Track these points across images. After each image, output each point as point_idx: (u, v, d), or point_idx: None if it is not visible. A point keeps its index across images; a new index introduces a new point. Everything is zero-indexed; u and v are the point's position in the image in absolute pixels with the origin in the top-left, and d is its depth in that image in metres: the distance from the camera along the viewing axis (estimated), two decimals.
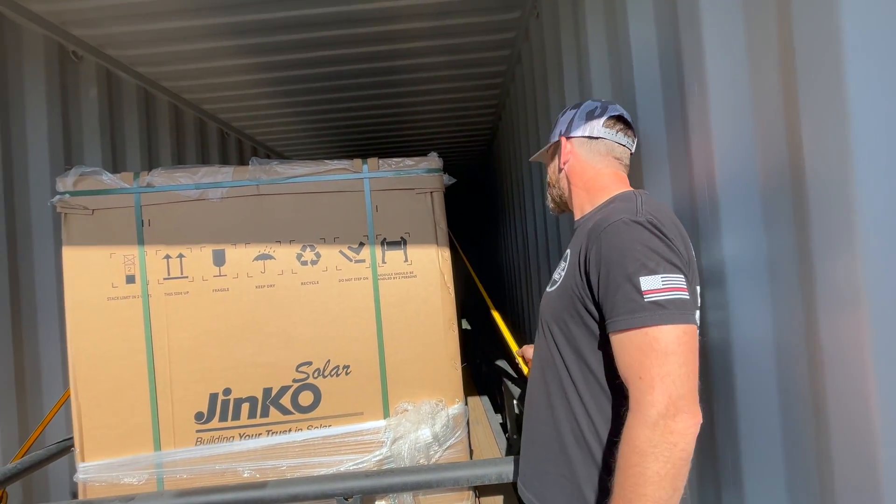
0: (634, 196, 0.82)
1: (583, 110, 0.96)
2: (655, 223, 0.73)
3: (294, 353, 1.25)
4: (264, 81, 2.98)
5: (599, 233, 0.75)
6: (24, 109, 1.94)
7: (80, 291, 1.21)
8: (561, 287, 0.84)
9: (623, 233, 0.72)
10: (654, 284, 0.68)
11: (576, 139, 0.96)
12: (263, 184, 1.26)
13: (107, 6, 2.04)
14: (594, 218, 0.81)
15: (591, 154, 0.94)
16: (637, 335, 0.68)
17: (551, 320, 0.85)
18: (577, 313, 0.79)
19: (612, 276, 0.71)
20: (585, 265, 0.77)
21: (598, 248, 0.74)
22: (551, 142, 1.02)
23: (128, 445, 1.21)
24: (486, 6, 2.33)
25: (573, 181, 0.96)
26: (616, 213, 0.76)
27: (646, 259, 0.70)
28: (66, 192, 1.21)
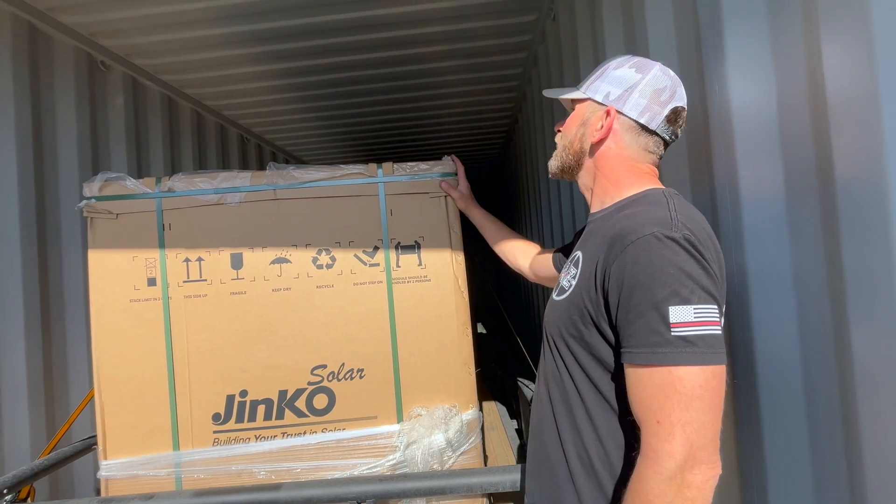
0: (665, 198, 0.70)
1: (650, 83, 0.75)
2: (693, 240, 0.61)
3: (309, 356, 1.26)
4: (283, 87, 3.03)
5: (626, 245, 0.63)
6: (55, 117, 2.02)
7: (104, 294, 1.25)
8: (571, 299, 0.73)
9: (654, 250, 0.61)
10: (685, 317, 0.58)
11: (625, 119, 0.76)
12: (280, 188, 1.28)
13: (134, 17, 2.11)
14: (617, 222, 0.69)
15: (635, 146, 0.77)
16: (658, 373, 0.58)
17: (557, 335, 0.75)
18: (588, 332, 0.69)
19: (636, 301, 0.60)
20: (603, 280, 0.66)
21: (623, 265, 0.63)
22: (589, 95, 0.80)
23: (148, 444, 1.24)
24: (503, 9, 2.32)
25: (600, 166, 0.79)
26: (645, 221, 0.64)
27: (678, 285, 0.59)
28: (92, 197, 1.25)
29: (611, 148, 0.78)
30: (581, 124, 0.81)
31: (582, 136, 0.81)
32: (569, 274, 0.77)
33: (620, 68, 0.78)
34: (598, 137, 0.78)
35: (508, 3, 2.27)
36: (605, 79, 0.79)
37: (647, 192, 0.75)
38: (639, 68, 0.77)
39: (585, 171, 0.83)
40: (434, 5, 2.21)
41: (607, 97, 0.78)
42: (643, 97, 0.75)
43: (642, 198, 0.74)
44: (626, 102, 0.76)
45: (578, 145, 0.82)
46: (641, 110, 0.76)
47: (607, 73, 0.79)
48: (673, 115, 0.76)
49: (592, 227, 0.79)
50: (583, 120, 0.81)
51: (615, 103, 0.77)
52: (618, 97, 0.77)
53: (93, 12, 2.04)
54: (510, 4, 2.28)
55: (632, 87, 0.76)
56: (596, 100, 0.79)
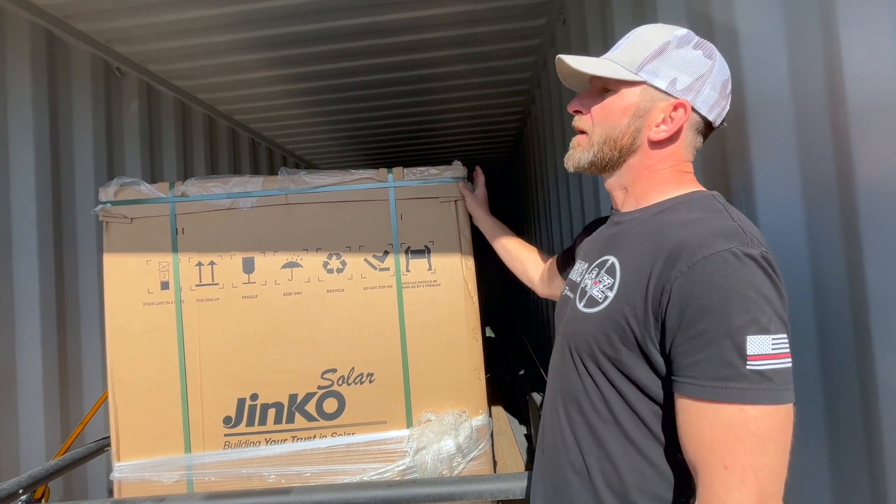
0: (721, 205, 0.61)
1: (719, 72, 0.64)
2: (770, 259, 0.54)
3: (319, 360, 1.26)
4: (294, 92, 3.06)
5: (695, 262, 0.54)
6: (72, 123, 2.05)
7: (118, 297, 1.26)
8: (607, 313, 0.62)
9: (732, 270, 0.52)
10: (763, 348, 0.50)
11: (694, 117, 0.65)
12: (292, 193, 1.29)
13: (149, 24, 2.14)
14: (669, 231, 0.59)
15: (692, 144, 0.67)
16: (728, 411, 0.51)
17: (586, 352, 0.65)
18: (628, 354, 0.60)
19: (706, 326, 0.52)
20: (659, 298, 0.56)
21: (690, 284, 0.53)
22: (646, 79, 0.64)
23: (160, 447, 1.25)
24: (513, 14, 2.32)
25: (651, 165, 0.67)
26: (713, 234, 0.55)
27: (758, 312, 0.51)
28: (108, 202, 1.27)
29: (669, 146, 0.66)
30: (634, 115, 0.66)
31: (636, 130, 0.66)
32: (601, 283, 0.66)
33: (684, 48, 0.63)
34: (662, 136, 0.65)
35: (518, 8, 2.27)
36: (668, 60, 0.63)
37: (693, 195, 0.65)
38: (706, 51, 0.64)
39: (628, 170, 0.70)
40: (444, 10, 2.22)
41: (673, 85, 0.63)
42: (714, 89, 0.63)
43: (691, 202, 0.64)
44: (699, 95, 0.63)
45: (629, 140, 0.67)
46: (712, 105, 0.64)
47: (668, 54, 0.63)
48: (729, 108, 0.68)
49: (623, 228, 0.69)
50: (637, 110, 0.65)
51: (684, 94, 0.63)
52: (688, 87, 0.63)
53: (109, 19, 2.08)
54: (520, 9, 2.28)
55: (703, 76, 0.63)
56: (656, 86, 0.64)
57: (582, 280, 0.72)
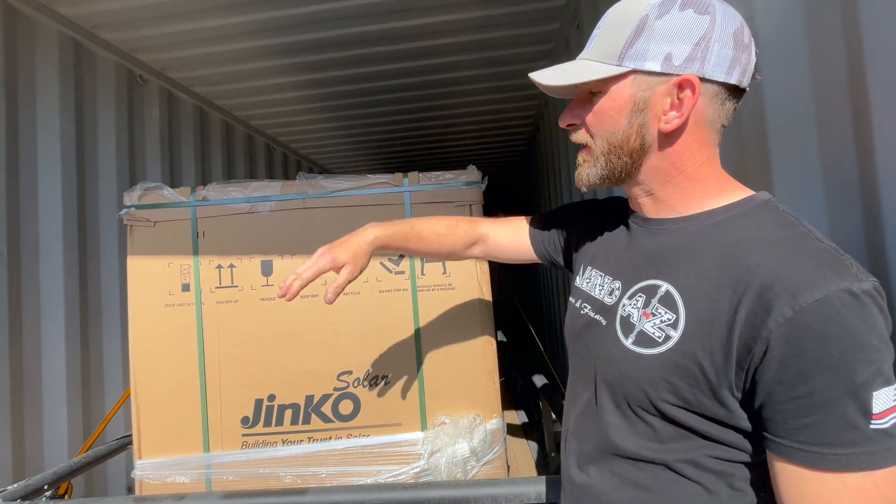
0: (789, 216, 0.51)
1: (726, 23, 0.51)
2: (881, 292, 0.45)
3: (335, 362, 1.28)
4: (309, 97, 3.11)
5: (802, 306, 0.43)
6: (97, 129, 2.12)
7: (141, 298, 1.29)
8: (671, 357, 0.51)
9: (856, 316, 0.43)
10: (887, 402, 0.42)
11: (708, 86, 0.53)
12: (309, 197, 1.31)
13: (171, 33, 2.20)
14: (747, 255, 0.49)
15: (717, 121, 0.55)
16: (856, 480, 0.43)
17: (642, 400, 0.54)
18: (708, 404, 0.49)
19: (822, 385, 0.43)
20: (748, 344, 0.46)
21: (797, 332, 0.44)
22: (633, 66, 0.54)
23: (180, 445, 1.27)
24: (527, 19, 2.33)
25: (676, 160, 0.56)
26: (818, 267, 0.45)
27: (882, 361, 0.43)
28: (132, 206, 1.31)
29: (688, 132, 0.54)
30: (633, 111, 0.55)
31: (641, 126, 0.55)
32: (656, 317, 0.54)
33: (668, 14, 0.52)
34: (676, 124, 0.54)
35: (533, 13, 2.28)
36: (653, 36, 0.52)
37: (748, 201, 0.54)
38: (697, 7, 0.51)
39: (650, 174, 0.58)
40: (459, 16, 2.24)
41: (669, 62, 0.52)
42: (726, 46, 0.51)
43: (752, 212, 0.53)
44: (706, 61, 0.51)
45: (637, 141, 0.56)
46: (729, 66, 0.51)
47: (651, 28, 0.52)
48: (755, 59, 0.54)
49: (670, 242, 0.57)
50: (634, 104, 0.55)
51: (685, 67, 0.52)
52: (689, 58, 0.51)
53: (134, 29, 2.14)
54: (534, 14, 2.29)
55: (705, 35, 0.51)
56: (649, 69, 0.53)
57: (620, 304, 0.59)
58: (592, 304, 0.65)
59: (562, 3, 2.21)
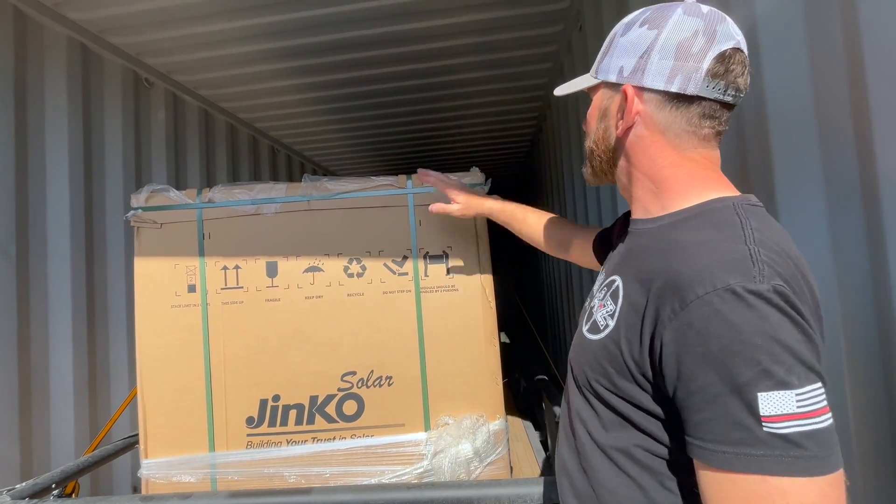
0: (738, 218, 0.52)
1: (671, 36, 0.56)
2: (786, 293, 0.44)
3: (339, 363, 1.29)
4: (313, 100, 3.13)
5: (687, 302, 0.46)
6: (103, 132, 2.14)
7: (148, 299, 1.31)
8: (605, 344, 0.57)
9: (733, 312, 0.44)
10: (782, 406, 0.41)
11: (651, 94, 0.58)
12: (314, 199, 1.32)
13: (178, 37, 2.23)
14: (669, 256, 0.51)
15: (674, 126, 0.58)
16: (747, 483, 0.42)
17: (584, 382, 0.60)
18: (630, 388, 0.53)
19: (706, 381, 0.44)
20: (651, 342, 0.50)
21: (683, 330, 0.46)
22: (601, 78, 0.62)
23: (186, 445, 1.28)
24: (530, 21, 2.35)
25: (636, 162, 0.61)
26: (714, 264, 0.47)
27: (771, 362, 0.42)
28: (139, 208, 1.32)
29: (643, 137, 0.59)
30: (601, 117, 0.64)
31: (605, 130, 0.64)
32: (605, 307, 0.59)
33: (629, 31, 0.59)
34: (622, 128, 0.60)
35: (536, 16, 2.29)
36: (615, 52, 0.60)
37: (709, 205, 0.55)
38: (652, 23, 0.57)
39: (621, 173, 0.65)
40: (462, 18, 2.25)
41: (621, 73, 0.59)
42: (666, 57, 0.55)
43: (703, 214, 0.55)
44: (646, 72, 0.57)
45: (604, 144, 0.65)
46: (668, 75, 0.56)
47: (616, 45, 0.61)
48: (719, 65, 0.54)
49: (635, 242, 0.62)
50: (601, 111, 0.64)
51: (630, 78, 0.58)
52: (633, 70, 0.58)
53: (140, 33, 2.17)
54: (537, 16, 2.30)
55: (647, 49, 0.57)
56: (610, 81, 0.61)
57: (594, 296, 0.66)
58: (591, 297, 0.71)
59: (564, 5, 2.22)
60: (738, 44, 0.56)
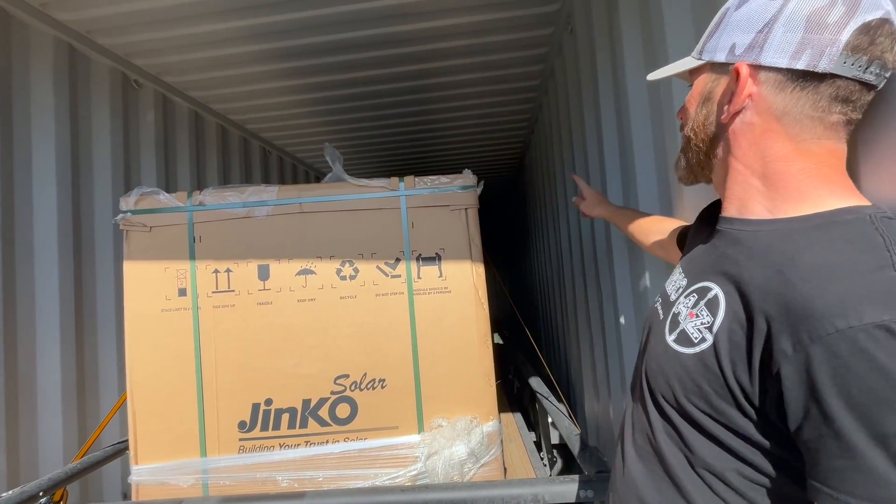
0: (879, 235, 0.43)
1: (799, 5, 0.47)
2: None
3: (332, 366, 1.28)
4: (305, 101, 3.12)
5: (821, 336, 0.39)
6: (91, 134, 2.11)
7: (138, 303, 1.30)
8: (702, 360, 0.50)
9: (886, 355, 0.37)
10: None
11: (770, 74, 0.49)
12: (306, 202, 1.32)
13: (167, 38, 2.20)
14: (792, 272, 0.44)
15: (795, 110, 0.49)
16: None
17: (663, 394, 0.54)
18: (732, 414, 0.47)
19: (844, 427, 0.39)
20: (768, 365, 0.43)
21: (814, 364, 0.40)
22: (706, 59, 0.55)
23: (177, 450, 1.27)
24: (521, 23, 2.36)
25: (739, 154, 0.53)
26: (857, 292, 0.39)
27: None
28: (129, 211, 1.31)
29: (753, 125, 0.51)
30: (703, 102, 0.56)
31: (707, 116, 0.55)
32: (699, 318, 0.52)
33: (746, 4, 0.51)
34: (728, 113, 0.52)
35: (527, 18, 2.30)
36: (727, 28, 0.52)
37: (837, 214, 0.47)
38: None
39: (718, 165, 0.57)
40: (454, 21, 2.25)
41: (732, 52, 0.51)
42: (793, 29, 0.47)
43: (830, 226, 0.46)
44: (765, 48, 0.49)
45: (703, 133, 0.56)
46: (795, 50, 0.47)
47: (728, 20, 0.53)
48: (863, 36, 0.46)
49: (731, 247, 0.53)
50: (704, 95, 0.56)
51: (744, 55, 0.50)
52: (748, 45, 0.50)
53: (129, 34, 2.14)
54: (528, 19, 2.31)
55: (770, 21, 0.49)
56: (717, 61, 0.53)
57: (677, 302, 0.58)
58: (663, 297, 0.64)
59: (555, 8, 2.23)
60: (889, 14, 0.46)
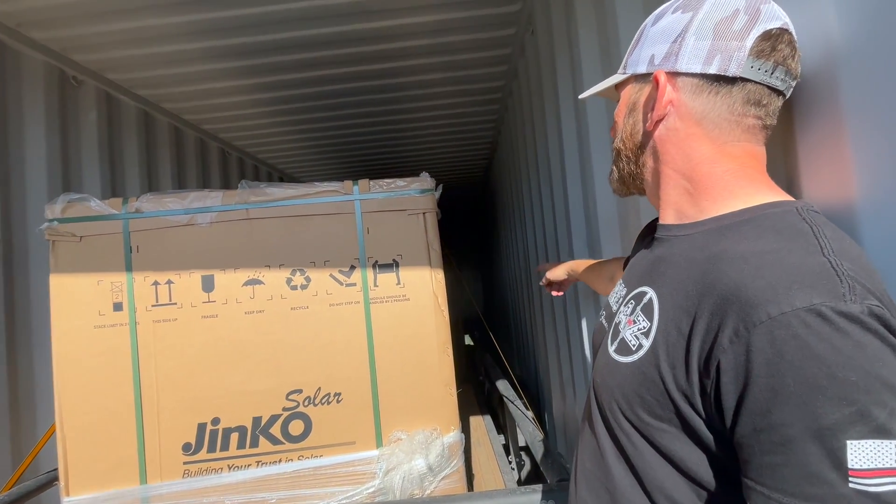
0: (806, 224, 0.43)
1: (709, 15, 0.50)
2: (886, 317, 0.36)
3: (284, 381, 1.22)
4: (264, 101, 3.00)
5: (755, 323, 0.38)
6: (23, 135, 1.96)
7: (66, 320, 1.19)
8: (641, 368, 0.48)
9: (822, 340, 0.35)
10: (880, 459, 0.34)
11: (687, 79, 0.51)
12: (253, 207, 1.24)
13: (109, 32, 2.06)
14: (724, 265, 0.43)
15: (715, 113, 0.51)
16: None
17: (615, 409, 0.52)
18: (670, 424, 0.46)
19: (781, 419, 0.37)
20: (705, 362, 0.42)
21: (749, 354, 0.38)
22: (629, 72, 0.57)
23: (114, 479, 1.18)
24: (483, 23, 2.34)
25: (667, 159, 0.54)
26: (789, 277, 0.38)
27: (871, 403, 0.34)
28: (55, 219, 1.20)
29: (676, 129, 0.52)
30: (629, 112, 0.57)
31: (633, 126, 0.57)
32: (637, 324, 0.51)
33: (661, 19, 0.54)
34: (652, 121, 0.53)
35: (488, 17, 2.28)
36: (646, 42, 0.55)
37: (764, 208, 0.47)
38: (687, 6, 0.52)
39: (647, 173, 0.57)
40: (416, 19, 2.21)
41: (651, 62, 0.53)
42: (703, 38, 0.50)
43: (759, 219, 0.46)
44: (680, 56, 0.51)
45: (631, 142, 0.57)
46: (706, 56, 0.50)
47: (646, 35, 0.55)
48: (765, 43, 0.48)
49: (667, 250, 0.54)
50: (629, 106, 0.57)
51: (663, 64, 0.52)
52: (665, 55, 0.52)
53: (65, 27, 1.99)
54: (490, 19, 2.30)
55: (682, 32, 0.51)
56: (639, 73, 0.55)
57: (618, 312, 0.57)
58: (607, 311, 0.63)
59: (516, 8, 2.22)
60: (786, 24, 0.50)
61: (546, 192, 2.25)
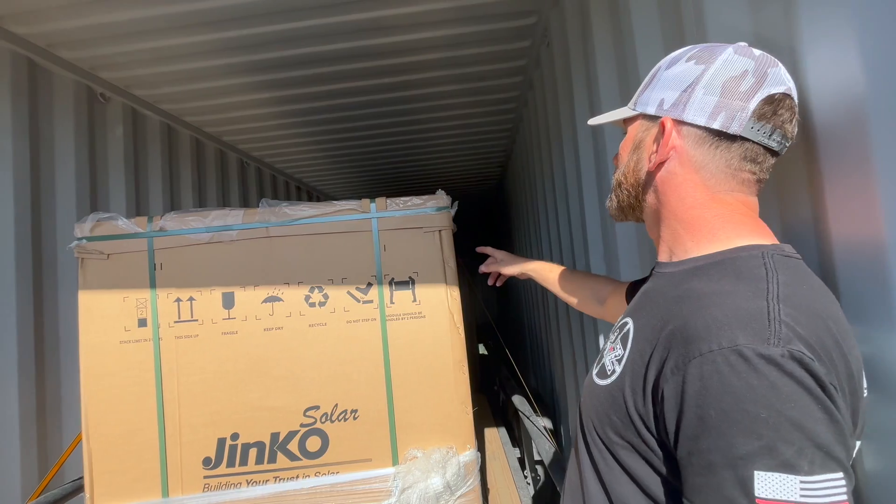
0: (765, 270, 0.47)
1: (720, 72, 0.53)
2: (805, 361, 0.39)
3: (302, 397, 1.23)
4: (282, 113, 3.06)
5: (689, 359, 0.42)
6: (54, 151, 2.03)
7: (94, 335, 1.23)
8: (610, 391, 0.54)
9: (739, 378, 0.39)
10: (783, 492, 0.37)
11: (691, 130, 0.55)
12: (273, 226, 1.27)
13: (134, 51, 2.13)
14: (683, 304, 0.48)
15: (714, 165, 0.54)
16: None
17: (591, 429, 0.57)
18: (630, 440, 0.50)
19: (706, 446, 0.41)
20: (654, 389, 0.47)
21: (683, 384, 0.43)
22: (639, 110, 0.60)
23: (137, 491, 1.20)
24: (498, 36, 2.34)
25: (666, 201, 0.58)
26: (725, 319, 0.42)
27: (778, 440, 0.38)
28: (84, 238, 1.24)
29: (675, 174, 0.56)
30: (634, 149, 0.61)
31: (637, 163, 0.61)
32: (615, 351, 0.56)
33: (675, 65, 0.57)
34: (655, 162, 0.57)
35: (504, 31, 2.29)
36: (658, 84, 0.58)
37: (736, 252, 0.51)
38: (700, 59, 0.55)
39: (648, 211, 0.61)
40: (432, 34, 2.23)
41: (661, 106, 0.57)
42: (711, 93, 0.53)
43: (727, 262, 0.50)
44: (688, 106, 0.54)
45: (633, 177, 0.61)
46: (712, 112, 0.53)
47: (659, 77, 0.59)
48: (767, 107, 0.52)
49: (652, 285, 0.59)
50: (635, 143, 0.61)
51: (671, 111, 0.56)
52: (674, 102, 0.55)
53: (93, 47, 2.07)
54: (505, 32, 2.30)
55: (692, 83, 0.54)
56: (648, 113, 0.59)
57: (608, 338, 0.63)
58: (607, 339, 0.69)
59: (531, 21, 2.23)
60: (790, 90, 0.54)
61: (562, 203, 2.24)
